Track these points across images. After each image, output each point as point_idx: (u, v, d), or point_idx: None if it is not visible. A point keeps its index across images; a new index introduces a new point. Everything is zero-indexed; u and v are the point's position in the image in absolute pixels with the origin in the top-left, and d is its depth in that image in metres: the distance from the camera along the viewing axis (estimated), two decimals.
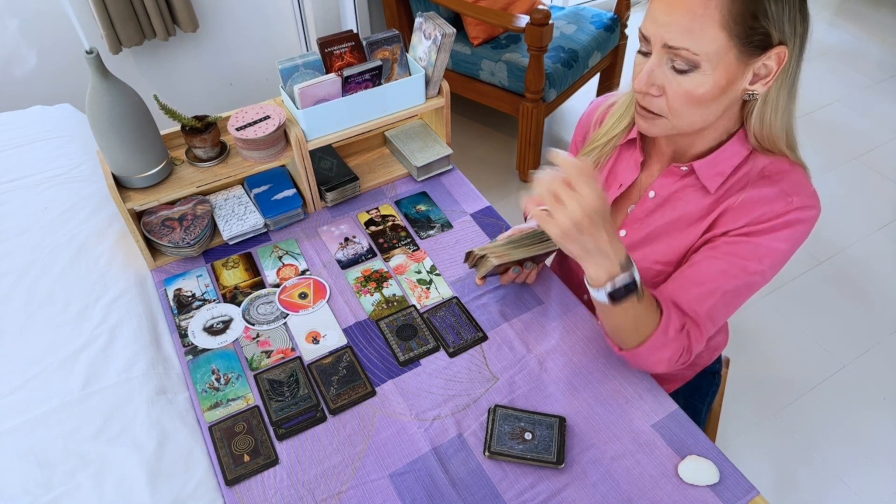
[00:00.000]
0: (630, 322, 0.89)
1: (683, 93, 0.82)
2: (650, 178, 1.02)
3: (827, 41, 3.37)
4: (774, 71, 0.81)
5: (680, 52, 0.79)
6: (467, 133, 2.78)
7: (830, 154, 2.67)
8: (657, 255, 0.99)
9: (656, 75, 0.84)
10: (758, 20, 0.77)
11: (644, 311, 0.88)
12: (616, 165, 1.05)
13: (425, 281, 1.16)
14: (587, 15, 2.54)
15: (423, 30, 1.24)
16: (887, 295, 2.12)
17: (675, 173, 0.96)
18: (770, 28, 0.77)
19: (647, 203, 1.00)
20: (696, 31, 0.77)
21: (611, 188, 1.05)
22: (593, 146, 1.06)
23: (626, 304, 0.85)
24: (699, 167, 0.93)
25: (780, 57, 0.80)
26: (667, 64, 0.82)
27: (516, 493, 0.88)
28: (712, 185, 0.93)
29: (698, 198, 0.95)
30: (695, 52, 0.78)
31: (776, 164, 0.91)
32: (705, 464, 0.89)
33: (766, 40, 0.78)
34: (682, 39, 0.78)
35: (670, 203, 0.98)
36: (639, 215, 1.01)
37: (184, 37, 2.37)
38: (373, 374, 1.02)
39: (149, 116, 1.10)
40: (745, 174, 0.91)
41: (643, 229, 1.01)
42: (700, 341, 0.92)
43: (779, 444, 1.74)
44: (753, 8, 0.76)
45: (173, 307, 1.13)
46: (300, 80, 1.19)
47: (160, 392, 0.99)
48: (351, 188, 1.31)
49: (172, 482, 0.89)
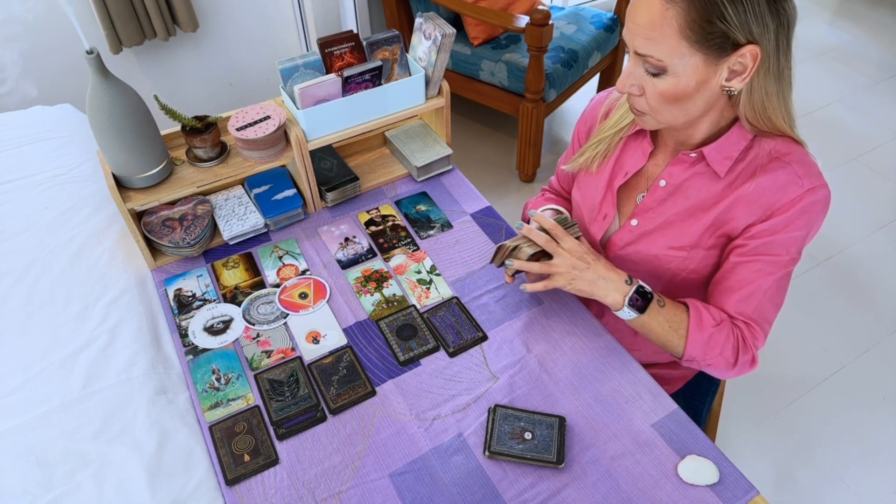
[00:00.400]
0: (665, 327, 0.96)
1: (658, 93, 0.87)
2: (656, 167, 1.03)
3: (827, 41, 3.37)
4: (750, 68, 0.83)
5: (648, 59, 0.84)
6: (467, 133, 2.78)
7: (830, 154, 2.67)
8: (670, 242, 1.01)
9: (634, 76, 0.89)
10: (714, 24, 0.79)
11: (671, 313, 0.96)
12: (622, 155, 1.06)
13: (425, 281, 1.16)
14: (587, 15, 2.54)
15: (423, 30, 1.24)
16: (887, 295, 2.12)
17: (685, 161, 0.98)
18: (729, 31, 0.79)
19: (658, 192, 1.01)
20: (657, 40, 0.82)
21: (617, 177, 1.06)
22: (601, 137, 1.08)
23: (651, 310, 0.95)
24: (708, 152, 0.94)
25: (753, 55, 0.81)
26: (642, 67, 0.87)
27: (516, 493, 0.88)
28: (722, 169, 0.94)
29: (709, 184, 0.97)
30: (659, 59, 0.83)
31: (783, 144, 0.93)
32: (705, 463, 0.89)
33: (726, 42, 0.80)
34: (647, 47, 0.83)
35: (682, 191, 0.99)
36: (650, 204, 1.02)
37: (184, 37, 2.37)
38: (373, 374, 1.02)
39: (149, 116, 1.10)
40: (754, 158, 0.93)
41: (656, 218, 1.02)
42: (758, 338, 0.97)
43: (779, 443, 1.74)
44: (708, 14, 0.79)
45: (173, 307, 1.13)
46: (300, 80, 1.19)
47: (160, 392, 0.99)
48: (351, 188, 1.31)
49: (172, 482, 0.89)
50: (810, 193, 0.90)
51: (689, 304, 0.97)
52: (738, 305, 0.96)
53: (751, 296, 0.95)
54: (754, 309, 0.96)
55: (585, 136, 1.14)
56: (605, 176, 1.08)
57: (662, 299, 0.96)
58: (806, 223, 0.92)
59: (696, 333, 0.95)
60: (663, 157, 1.02)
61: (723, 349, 0.95)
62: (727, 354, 0.95)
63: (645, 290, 0.95)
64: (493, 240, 1.24)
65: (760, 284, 0.94)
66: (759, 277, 0.94)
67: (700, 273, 1.02)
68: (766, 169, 0.92)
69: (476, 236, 1.25)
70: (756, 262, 0.94)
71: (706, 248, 0.99)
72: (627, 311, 0.95)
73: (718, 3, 0.78)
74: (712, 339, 0.95)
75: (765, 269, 0.94)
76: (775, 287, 0.95)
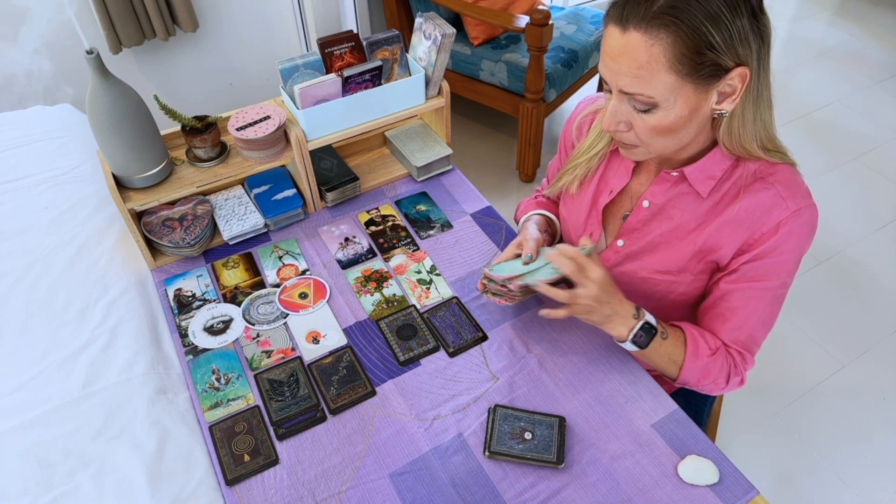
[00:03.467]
0: (664, 358, 0.96)
1: (649, 128, 0.84)
2: (640, 185, 1.01)
3: (827, 41, 3.37)
4: (739, 89, 0.81)
5: (636, 97, 0.81)
6: (467, 133, 2.78)
7: (830, 154, 2.67)
8: (657, 265, 1.00)
9: (620, 114, 0.86)
10: (703, 55, 0.77)
11: (672, 345, 0.95)
12: (606, 172, 1.04)
13: (425, 281, 1.16)
14: (587, 15, 2.54)
15: (423, 30, 1.24)
16: (887, 295, 2.12)
17: (667, 180, 0.96)
18: (719, 58, 0.77)
19: (641, 212, 1.00)
20: (645, 78, 0.79)
21: (602, 195, 1.05)
22: (577, 162, 1.06)
23: (653, 345, 0.94)
24: (689, 172, 0.93)
25: (742, 76, 0.79)
26: (628, 103, 0.84)
27: (516, 493, 0.88)
28: (704, 189, 0.93)
29: (693, 205, 0.95)
30: (649, 96, 0.80)
31: (768, 163, 0.91)
32: (705, 464, 0.89)
33: (718, 69, 0.78)
34: (635, 86, 0.80)
35: (665, 212, 0.98)
36: (635, 225, 1.01)
37: (184, 37, 2.37)
38: (373, 374, 1.02)
39: (149, 116, 1.10)
40: (738, 178, 0.92)
41: (641, 239, 1.01)
42: (749, 362, 0.98)
43: (779, 444, 1.74)
44: (696, 45, 0.76)
45: (173, 307, 1.13)
46: (300, 80, 1.19)
47: (160, 392, 0.99)
48: (351, 188, 1.31)
49: (172, 482, 0.89)
50: (795, 216, 0.88)
51: (686, 333, 0.96)
52: (731, 334, 0.96)
53: (744, 324, 0.95)
54: (748, 337, 0.96)
55: (571, 144, 1.13)
56: (590, 194, 1.06)
57: (665, 331, 0.95)
58: (796, 245, 0.90)
59: (692, 362, 0.95)
60: (647, 176, 1.01)
61: (716, 377, 0.96)
62: (720, 381, 0.97)
63: (651, 325, 0.93)
64: (493, 240, 1.24)
65: (753, 310, 0.94)
66: (750, 304, 0.94)
67: (689, 295, 1.02)
68: (750, 190, 0.90)
69: (476, 236, 1.25)
70: (748, 290, 0.93)
71: (695, 273, 0.98)
72: (630, 345, 0.94)
73: (704, 32, 0.75)
74: (707, 368, 0.95)
75: (756, 294, 0.93)
76: (767, 312, 0.95)
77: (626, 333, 0.93)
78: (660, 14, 0.75)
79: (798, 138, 2.74)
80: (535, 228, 1.08)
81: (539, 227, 1.10)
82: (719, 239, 0.93)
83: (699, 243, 0.95)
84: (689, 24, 0.75)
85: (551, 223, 1.19)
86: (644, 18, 0.76)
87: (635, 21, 0.77)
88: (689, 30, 0.75)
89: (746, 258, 0.92)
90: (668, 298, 1.03)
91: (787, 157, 0.92)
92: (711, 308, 0.98)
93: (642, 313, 0.93)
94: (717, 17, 0.75)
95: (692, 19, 0.75)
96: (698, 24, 0.75)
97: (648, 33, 0.76)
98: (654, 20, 0.76)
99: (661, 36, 0.76)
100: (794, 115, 2.87)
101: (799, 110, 2.90)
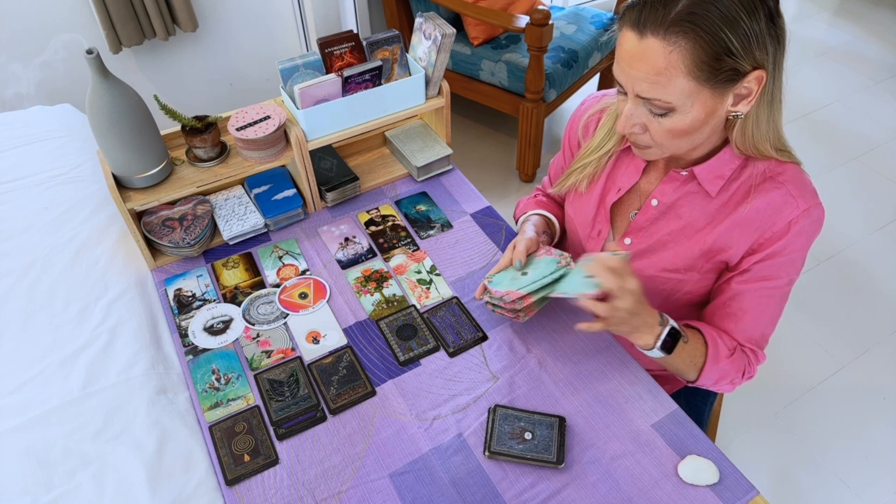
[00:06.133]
0: (686, 362, 0.96)
1: (665, 131, 0.84)
2: (649, 184, 1.01)
3: (827, 41, 3.37)
4: (755, 91, 0.81)
5: (653, 102, 0.81)
6: (467, 133, 2.78)
7: (830, 154, 2.67)
8: (665, 263, 1.00)
9: (636, 117, 0.85)
10: (722, 60, 0.76)
11: (692, 348, 0.95)
12: (614, 171, 1.04)
13: (425, 281, 1.16)
14: (587, 15, 2.54)
15: (423, 30, 1.24)
16: (887, 295, 2.12)
17: (676, 179, 0.96)
18: (737, 62, 0.77)
19: (650, 211, 1.00)
20: (662, 84, 0.78)
21: (609, 192, 1.05)
22: (586, 161, 1.05)
23: (676, 349, 0.93)
24: (699, 171, 0.93)
25: (759, 79, 0.79)
26: (644, 106, 0.83)
27: (516, 493, 0.88)
28: (713, 189, 0.93)
29: (702, 204, 0.95)
30: (667, 101, 0.80)
31: (776, 163, 0.91)
32: (705, 464, 0.89)
33: (735, 74, 0.78)
34: (652, 91, 0.79)
35: (674, 210, 0.98)
36: (642, 223, 1.01)
37: (184, 37, 2.37)
38: (373, 374, 1.02)
39: (149, 116, 1.10)
40: (748, 178, 0.92)
41: (648, 238, 1.01)
42: (761, 358, 0.99)
43: (779, 444, 1.74)
44: (715, 50, 0.75)
45: (173, 307, 1.13)
46: (300, 80, 1.19)
47: (160, 392, 0.99)
48: (351, 188, 1.31)
49: (172, 482, 0.89)
50: (805, 214, 0.89)
51: (706, 335, 0.96)
52: (744, 333, 0.97)
53: (756, 323, 0.96)
54: (760, 334, 0.98)
55: (577, 142, 1.12)
56: (598, 192, 1.06)
57: (685, 334, 0.94)
58: (804, 244, 0.92)
59: (713, 365, 0.95)
60: (656, 175, 1.01)
61: (733, 377, 0.97)
62: (736, 380, 0.98)
63: (675, 329, 0.92)
64: (493, 240, 1.24)
65: (765, 309, 0.95)
66: (762, 303, 0.95)
67: (695, 294, 1.02)
68: (760, 190, 0.91)
69: (476, 236, 1.25)
70: (759, 290, 0.94)
71: (702, 272, 0.98)
72: (656, 352, 0.92)
73: (723, 37, 0.74)
74: (725, 370, 0.96)
75: (767, 293, 0.94)
76: (775, 308, 0.96)
77: (653, 342, 0.91)
78: (678, 20, 0.74)
79: (798, 138, 2.74)
80: (531, 230, 1.08)
81: (538, 229, 1.10)
82: (729, 239, 0.94)
83: (708, 242, 0.95)
84: (708, 31, 0.74)
85: (550, 224, 1.19)
86: (662, 24, 0.75)
87: (653, 27, 0.76)
88: (708, 36, 0.74)
89: (758, 258, 0.92)
90: (673, 297, 1.03)
91: (793, 155, 0.92)
92: (722, 308, 0.98)
93: (666, 319, 0.92)
94: (736, 21, 0.74)
95: (711, 25, 0.74)
96: (717, 30, 0.74)
97: (667, 39, 0.75)
98: (672, 26, 0.75)
99: (680, 42, 0.75)
100: (794, 115, 2.86)
101: (799, 110, 2.90)
